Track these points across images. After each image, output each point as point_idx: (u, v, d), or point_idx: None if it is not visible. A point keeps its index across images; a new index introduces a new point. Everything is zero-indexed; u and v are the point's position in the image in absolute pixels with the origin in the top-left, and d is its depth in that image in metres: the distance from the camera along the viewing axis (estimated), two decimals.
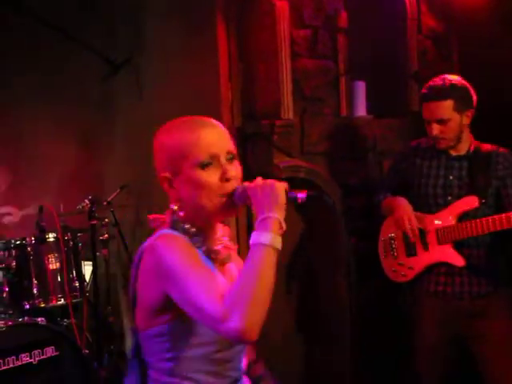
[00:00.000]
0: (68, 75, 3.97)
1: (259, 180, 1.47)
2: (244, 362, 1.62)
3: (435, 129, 2.75)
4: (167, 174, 1.50)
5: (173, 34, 3.50)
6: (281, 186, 1.43)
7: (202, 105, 3.39)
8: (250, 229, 3.29)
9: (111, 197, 3.67)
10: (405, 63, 3.95)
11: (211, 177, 1.46)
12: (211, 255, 1.52)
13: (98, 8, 3.94)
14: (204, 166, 1.46)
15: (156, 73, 3.64)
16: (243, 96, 3.38)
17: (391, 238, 3.00)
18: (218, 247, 1.55)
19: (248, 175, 3.49)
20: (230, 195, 1.47)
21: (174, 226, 1.49)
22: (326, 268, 3.73)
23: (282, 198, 1.42)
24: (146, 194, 3.91)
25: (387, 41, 3.92)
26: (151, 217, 1.57)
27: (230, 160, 1.50)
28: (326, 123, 3.61)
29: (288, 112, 3.32)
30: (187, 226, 1.49)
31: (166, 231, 1.49)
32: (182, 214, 1.49)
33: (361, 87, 3.69)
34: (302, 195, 1.45)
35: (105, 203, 3.58)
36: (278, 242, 1.39)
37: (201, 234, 1.51)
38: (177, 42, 3.47)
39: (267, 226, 1.39)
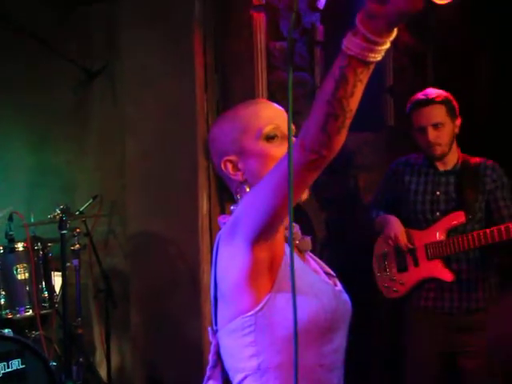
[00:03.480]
0: (42, 82, 3.93)
1: None
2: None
3: (431, 134, 2.77)
4: (230, 157, 1.42)
5: (149, 42, 3.47)
6: None
7: (178, 114, 3.37)
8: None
9: (83, 207, 3.62)
10: (380, 78, 3.98)
11: (278, 149, 1.39)
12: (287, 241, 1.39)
13: (73, 16, 3.91)
14: (269, 137, 1.40)
15: (131, 81, 3.61)
16: (219, 107, 3.37)
17: (384, 254, 3.02)
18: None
19: (223, 186, 3.48)
20: None
21: None
22: None
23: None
24: (118, 204, 3.87)
25: None
26: (221, 218, 1.46)
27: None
28: None
29: None
30: None
31: None
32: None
33: None
34: None
35: (77, 213, 3.53)
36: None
37: None
38: (153, 51, 3.44)
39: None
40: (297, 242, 1.46)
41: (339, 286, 1.48)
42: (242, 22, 3.33)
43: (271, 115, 1.43)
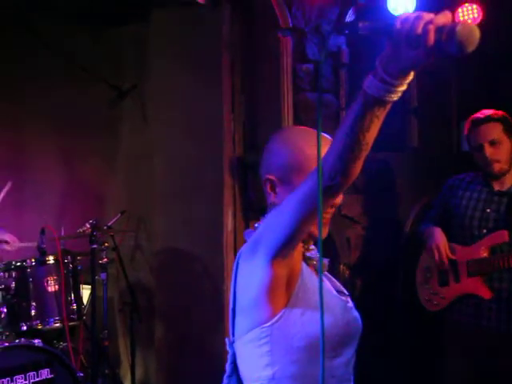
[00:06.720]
0: (76, 100, 4.03)
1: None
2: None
3: (488, 150, 2.82)
4: (273, 177, 1.49)
5: (178, 63, 3.57)
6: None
7: (205, 134, 3.46)
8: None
9: (112, 221, 3.71)
10: (405, 100, 4.03)
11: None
12: (307, 261, 1.49)
13: (106, 36, 4.03)
14: None
15: (160, 100, 3.71)
16: (245, 127, 3.44)
17: (427, 268, 3.06)
18: (312, 254, 1.52)
19: (248, 203, 3.54)
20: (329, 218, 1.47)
21: None
22: None
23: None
24: (145, 219, 3.95)
25: None
26: (247, 233, 1.55)
27: None
28: None
29: None
30: None
31: None
32: None
33: None
34: None
35: (105, 227, 3.62)
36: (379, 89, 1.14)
37: None
38: (182, 72, 3.54)
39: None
40: (314, 262, 1.54)
41: (351, 304, 1.55)
42: (269, 44, 3.41)
43: None
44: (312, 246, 1.56)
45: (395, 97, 1.15)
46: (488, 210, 2.85)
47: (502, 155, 2.83)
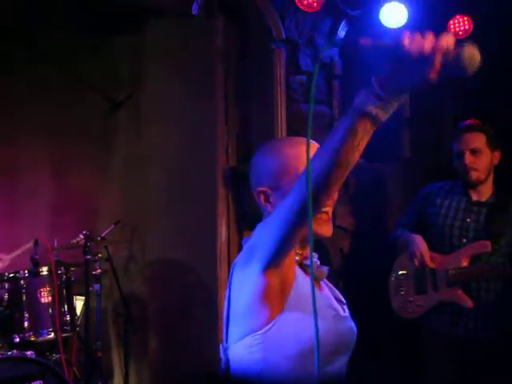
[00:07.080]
0: (71, 111, 4.03)
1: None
2: None
3: (468, 158, 2.85)
4: (265, 188, 1.52)
5: (172, 75, 3.59)
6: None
7: (199, 144, 3.47)
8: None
9: (105, 232, 3.70)
10: (398, 110, 4.04)
11: None
12: (305, 270, 1.50)
13: (101, 51, 4.04)
14: None
15: (154, 111, 3.72)
16: (239, 138, 3.46)
17: (403, 275, 3.05)
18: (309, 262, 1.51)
19: (242, 214, 3.55)
20: (328, 214, 1.48)
21: None
22: None
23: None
24: (139, 230, 3.95)
25: None
26: (245, 240, 1.55)
27: None
28: None
29: None
30: None
31: None
32: None
33: None
34: None
35: (99, 238, 3.61)
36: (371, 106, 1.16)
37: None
38: (176, 84, 3.56)
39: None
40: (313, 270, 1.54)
41: (347, 313, 1.56)
42: (263, 56, 3.43)
43: None
44: (314, 253, 1.56)
45: (387, 115, 1.18)
46: (468, 220, 2.87)
47: (481, 164, 2.86)
